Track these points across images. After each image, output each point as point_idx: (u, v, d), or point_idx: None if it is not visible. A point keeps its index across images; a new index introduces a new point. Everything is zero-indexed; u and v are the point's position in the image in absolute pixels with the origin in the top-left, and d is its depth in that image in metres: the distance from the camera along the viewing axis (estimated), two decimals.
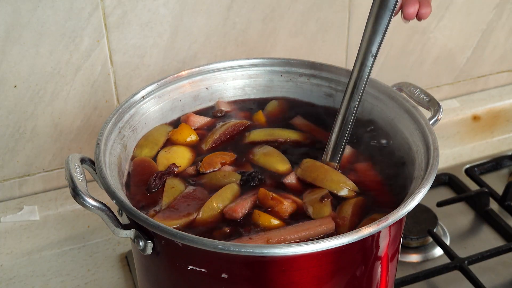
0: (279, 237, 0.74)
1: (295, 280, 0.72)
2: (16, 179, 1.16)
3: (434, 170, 0.77)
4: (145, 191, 0.83)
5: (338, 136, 0.87)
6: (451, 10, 1.35)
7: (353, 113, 0.86)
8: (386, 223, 0.70)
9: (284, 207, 0.80)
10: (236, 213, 0.79)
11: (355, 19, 1.26)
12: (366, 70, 0.85)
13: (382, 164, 0.88)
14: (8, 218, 1.13)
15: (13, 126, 1.11)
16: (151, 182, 0.84)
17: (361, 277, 0.77)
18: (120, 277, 1.12)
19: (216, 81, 0.99)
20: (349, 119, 0.87)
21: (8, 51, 1.04)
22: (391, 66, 1.36)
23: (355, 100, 0.86)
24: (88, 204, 0.72)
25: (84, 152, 1.17)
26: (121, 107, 0.89)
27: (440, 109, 0.90)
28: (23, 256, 1.15)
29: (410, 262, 1.13)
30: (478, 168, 1.35)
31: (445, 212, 1.23)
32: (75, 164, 0.77)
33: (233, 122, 0.96)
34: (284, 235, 0.74)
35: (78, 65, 1.10)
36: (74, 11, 1.05)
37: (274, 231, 0.75)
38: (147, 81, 1.15)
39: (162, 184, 0.84)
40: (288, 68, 1.00)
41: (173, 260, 0.74)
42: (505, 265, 1.12)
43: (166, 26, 1.13)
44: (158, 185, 0.84)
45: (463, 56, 1.43)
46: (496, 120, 1.47)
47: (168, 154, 0.90)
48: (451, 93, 1.48)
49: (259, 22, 1.19)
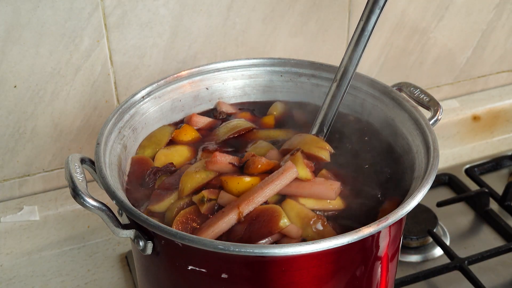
0: (247, 200, 0.75)
1: (295, 280, 0.72)
2: (16, 179, 1.16)
3: (434, 170, 0.77)
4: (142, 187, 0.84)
5: (327, 112, 0.89)
6: (451, 10, 1.35)
7: (343, 90, 0.89)
8: (386, 223, 0.70)
9: (262, 162, 0.81)
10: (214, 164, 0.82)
11: (355, 19, 1.26)
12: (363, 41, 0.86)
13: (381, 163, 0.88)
14: (8, 218, 1.13)
15: (13, 126, 1.11)
16: (146, 177, 0.84)
17: (361, 277, 0.77)
18: (120, 277, 1.12)
19: (216, 81, 0.99)
20: (338, 94, 0.89)
21: (8, 51, 1.04)
22: (391, 66, 1.36)
23: (347, 78, 0.88)
24: (88, 204, 0.72)
25: (84, 152, 1.17)
26: (121, 107, 0.89)
27: (440, 109, 0.90)
28: (23, 256, 1.15)
29: (410, 262, 1.13)
30: (478, 168, 1.35)
31: (445, 212, 1.23)
32: (75, 164, 0.77)
33: (244, 125, 0.96)
34: (252, 196, 0.76)
35: (78, 65, 1.10)
36: (74, 11, 1.05)
37: (242, 197, 0.76)
38: (147, 81, 1.15)
39: (155, 179, 0.84)
40: (288, 68, 1.00)
41: (173, 260, 0.74)
42: (505, 265, 1.12)
43: (166, 26, 1.13)
44: (152, 180, 0.84)
45: (463, 56, 1.43)
46: (496, 120, 1.47)
47: (168, 151, 0.90)
48: (451, 93, 1.48)
49: (259, 22, 1.19)
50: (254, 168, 0.81)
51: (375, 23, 0.85)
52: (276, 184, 0.78)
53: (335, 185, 0.80)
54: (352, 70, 0.88)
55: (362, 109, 0.96)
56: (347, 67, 0.88)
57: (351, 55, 0.87)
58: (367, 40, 0.86)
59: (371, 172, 0.86)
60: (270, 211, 0.75)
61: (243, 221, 0.75)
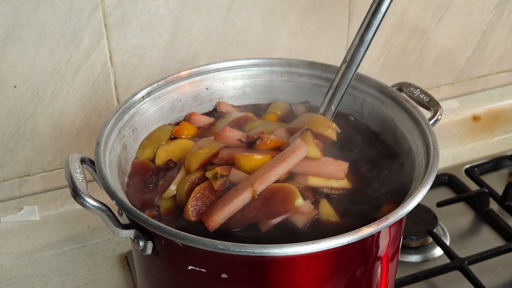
0: (261, 178, 0.77)
1: (295, 280, 0.72)
2: (16, 179, 1.16)
3: (434, 170, 0.77)
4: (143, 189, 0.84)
5: (335, 91, 0.90)
6: (451, 10, 1.35)
7: (353, 70, 0.89)
8: (386, 223, 0.70)
9: (271, 139, 0.83)
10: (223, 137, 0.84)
11: (355, 19, 1.26)
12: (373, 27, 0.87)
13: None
14: (8, 218, 1.13)
15: (13, 126, 1.11)
16: (147, 178, 0.84)
17: (361, 277, 0.77)
18: (120, 277, 1.12)
19: (216, 81, 0.99)
20: (347, 75, 0.89)
21: (8, 51, 1.04)
22: (391, 66, 1.36)
23: (358, 57, 0.89)
24: (88, 204, 0.72)
25: (84, 152, 1.17)
26: (121, 107, 0.89)
27: (440, 109, 0.90)
28: (23, 256, 1.15)
29: (410, 262, 1.13)
30: (478, 168, 1.35)
31: (445, 212, 1.23)
32: (75, 164, 0.77)
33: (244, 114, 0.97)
34: (265, 174, 0.77)
35: (78, 65, 1.10)
36: (74, 11, 1.05)
37: (255, 175, 0.77)
38: (147, 81, 1.15)
39: (158, 180, 0.84)
40: (288, 68, 1.00)
41: (173, 260, 0.74)
42: (505, 265, 1.12)
43: (166, 26, 1.13)
44: (154, 181, 0.84)
45: (463, 56, 1.43)
46: (496, 120, 1.47)
47: (168, 147, 0.90)
48: (451, 93, 1.48)
49: (259, 22, 1.19)
50: (264, 144, 0.83)
51: (390, 4, 0.86)
52: (288, 162, 0.79)
53: (344, 165, 0.82)
54: (363, 50, 0.88)
55: (362, 109, 0.96)
56: (358, 47, 0.88)
57: (363, 35, 0.88)
58: (379, 21, 0.87)
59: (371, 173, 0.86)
60: (285, 190, 0.77)
61: (256, 199, 0.76)
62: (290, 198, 0.76)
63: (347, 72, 0.89)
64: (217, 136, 0.85)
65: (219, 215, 0.76)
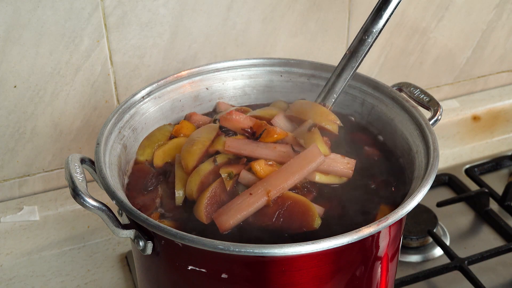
0: (278, 187, 0.76)
1: (295, 280, 0.72)
2: (16, 179, 1.16)
3: (434, 170, 0.77)
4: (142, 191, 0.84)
5: (335, 81, 0.90)
6: (451, 10, 1.35)
7: (358, 61, 0.89)
8: (386, 223, 0.70)
9: (277, 132, 0.83)
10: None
11: (355, 19, 1.26)
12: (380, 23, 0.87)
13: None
14: (8, 218, 1.13)
15: (13, 126, 1.11)
16: (147, 181, 0.85)
17: (361, 277, 0.77)
18: (120, 277, 1.12)
19: (216, 81, 0.99)
20: (349, 65, 0.89)
21: (8, 51, 1.04)
22: (391, 66, 1.36)
23: (363, 50, 0.89)
24: (88, 204, 0.72)
25: (84, 152, 1.17)
26: (121, 107, 0.89)
27: (440, 109, 0.90)
28: (23, 256, 1.15)
29: (410, 262, 1.13)
30: (478, 168, 1.35)
31: (445, 212, 1.23)
32: (75, 164, 0.77)
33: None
34: (282, 183, 0.77)
35: (78, 65, 1.10)
36: (74, 11, 1.05)
37: (270, 181, 0.77)
38: (147, 81, 1.15)
39: (157, 183, 0.85)
40: (288, 68, 1.00)
41: (173, 260, 0.74)
42: (505, 265, 1.12)
43: (166, 26, 1.13)
44: (154, 184, 0.84)
45: (463, 56, 1.43)
46: (496, 120, 1.47)
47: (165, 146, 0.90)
48: (451, 93, 1.48)
49: (259, 22, 1.19)
50: (270, 137, 0.83)
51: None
52: (304, 172, 0.79)
53: (352, 163, 0.83)
54: (371, 41, 0.88)
55: (362, 109, 0.96)
56: (364, 38, 0.88)
57: (370, 26, 0.88)
58: (389, 15, 0.87)
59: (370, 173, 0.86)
60: (304, 207, 0.77)
61: (271, 206, 0.77)
62: (308, 217, 0.76)
63: (348, 63, 0.90)
64: (222, 120, 0.86)
65: (233, 220, 0.76)
